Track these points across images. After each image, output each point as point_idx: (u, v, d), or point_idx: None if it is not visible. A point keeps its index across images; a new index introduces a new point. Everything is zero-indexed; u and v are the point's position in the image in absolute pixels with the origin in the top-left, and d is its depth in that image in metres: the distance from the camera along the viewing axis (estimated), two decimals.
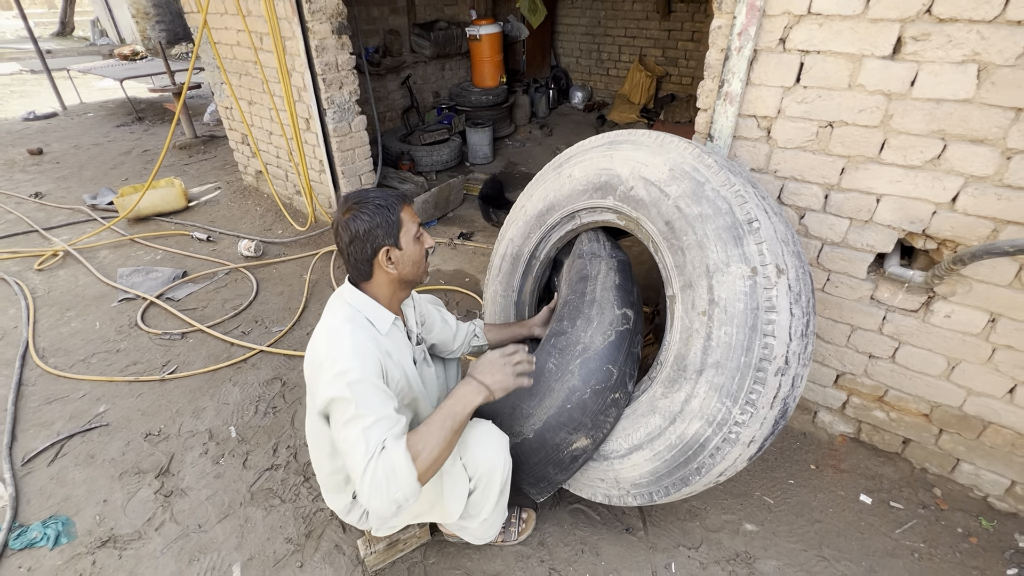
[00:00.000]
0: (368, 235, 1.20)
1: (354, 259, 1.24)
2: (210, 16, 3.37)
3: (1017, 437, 1.54)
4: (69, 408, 2.21)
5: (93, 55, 10.84)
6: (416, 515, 1.44)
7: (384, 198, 1.23)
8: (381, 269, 1.25)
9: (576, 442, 1.44)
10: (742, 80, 1.54)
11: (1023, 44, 1.16)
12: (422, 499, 1.36)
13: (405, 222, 1.26)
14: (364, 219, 1.20)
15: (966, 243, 1.41)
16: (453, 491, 1.34)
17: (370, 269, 1.25)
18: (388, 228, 1.22)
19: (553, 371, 1.45)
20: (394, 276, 1.27)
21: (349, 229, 1.20)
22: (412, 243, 1.27)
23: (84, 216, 3.91)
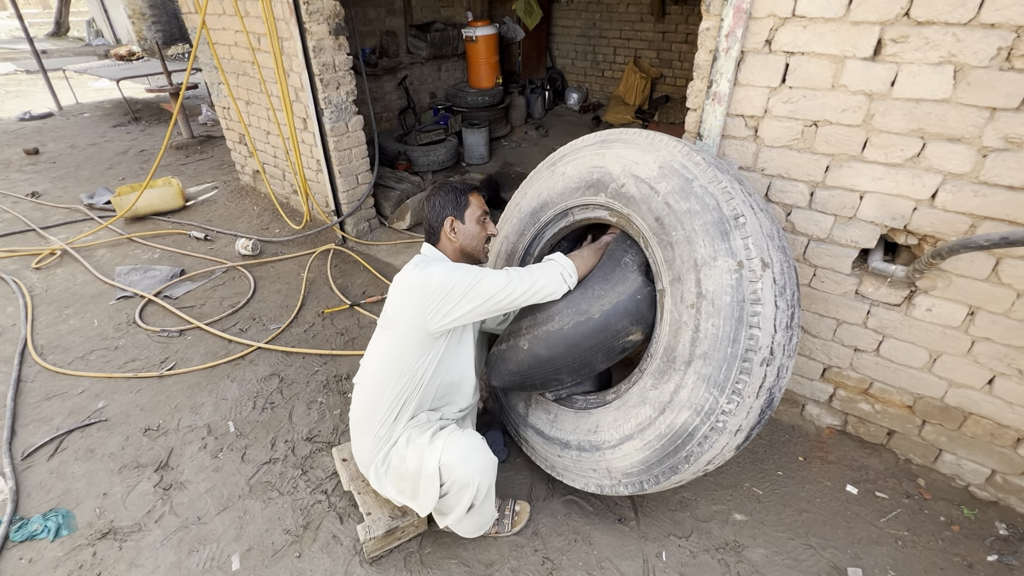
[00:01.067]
0: (442, 204, 1.54)
1: (429, 224, 1.56)
2: (208, 16, 3.40)
3: (996, 427, 1.59)
4: (68, 404, 2.23)
5: (89, 55, 10.82)
6: (401, 493, 1.50)
7: (460, 184, 1.58)
8: (445, 235, 1.54)
9: (632, 334, 1.53)
10: (730, 80, 1.58)
11: (996, 46, 1.21)
12: (405, 485, 1.46)
13: (472, 204, 1.56)
14: (442, 192, 1.55)
15: (945, 238, 1.45)
16: (427, 489, 1.42)
17: (438, 234, 1.55)
18: (456, 204, 1.54)
19: (628, 264, 1.56)
20: (456, 244, 1.55)
21: (431, 198, 1.56)
22: (474, 223, 1.56)
23: (81, 215, 3.93)
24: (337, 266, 3.25)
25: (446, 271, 1.40)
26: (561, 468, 1.68)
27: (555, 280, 1.50)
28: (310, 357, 2.48)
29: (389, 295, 1.50)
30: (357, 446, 1.59)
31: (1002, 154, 1.29)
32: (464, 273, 1.40)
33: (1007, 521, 1.65)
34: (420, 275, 1.41)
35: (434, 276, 1.39)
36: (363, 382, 1.57)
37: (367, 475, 1.57)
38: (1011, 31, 1.19)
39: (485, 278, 1.40)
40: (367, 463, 1.55)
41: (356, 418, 1.58)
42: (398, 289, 1.46)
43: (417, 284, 1.40)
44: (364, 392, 1.55)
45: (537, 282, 1.47)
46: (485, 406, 2.13)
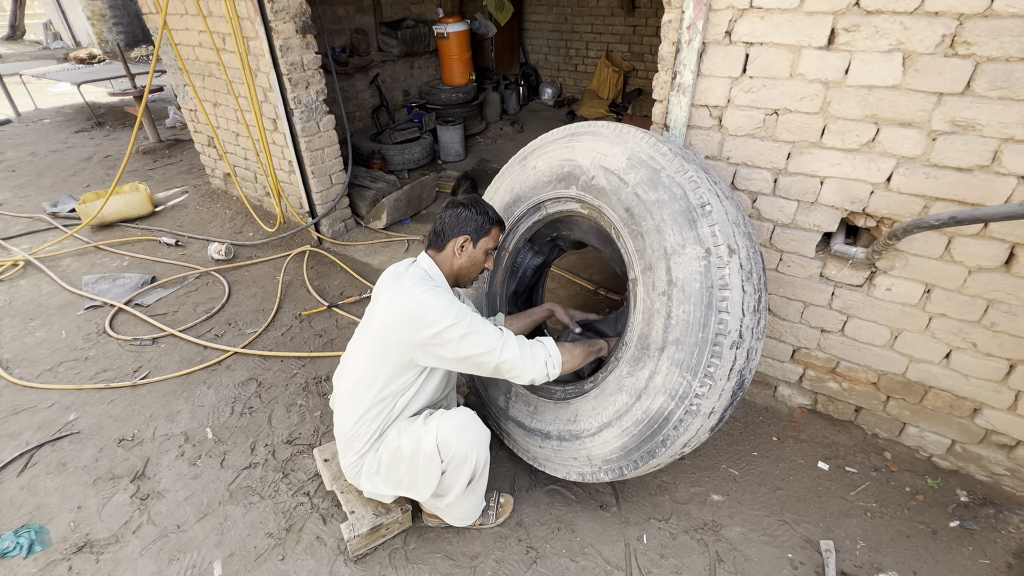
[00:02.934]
0: (465, 220, 1.50)
1: (442, 228, 1.50)
2: (170, 17, 3.31)
3: (954, 399, 1.66)
4: (37, 418, 2.17)
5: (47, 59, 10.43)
6: (396, 486, 1.50)
7: (493, 214, 1.55)
8: (452, 249, 1.50)
9: None
10: (693, 71, 1.62)
11: (941, 33, 1.27)
12: (402, 474, 1.46)
13: (490, 236, 1.54)
14: (473, 211, 1.50)
15: (901, 220, 1.51)
16: (427, 471, 1.42)
17: (445, 243, 1.50)
18: (479, 227, 1.51)
19: None
20: (455, 262, 1.52)
21: (459, 209, 1.51)
22: (482, 252, 1.54)
23: (45, 224, 3.80)
24: (313, 268, 3.21)
25: (445, 307, 1.34)
26: (543, 458, 1.71)
27: (538, 368, 1.42)
28: (288, 360, 2.46)
29: (378, 303, 1.45)
30: (344, 461, 1.57)
31: (950, 137, 1.35)
32: (460, 314, 1.35)
33: (967, 488, 1.73)
34: (416, 302, 1.35)
35: (431, 309, 1.33)
36: (342, 397, 1.54)
37: (358, 485, 1.56)
38: (954, 19, 1.24)
39: (480, 331, 1.36)
40: (355, 475, 1.54)
41: (339, 435, 1.57)
42: (391, 305, 1.40)
43: (412, 312, 1.35)
44: (343, 412, 1.53)
45: (525, 363, 1.40)
46: (466, 400, 2.14)
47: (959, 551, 1.56)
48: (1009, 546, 1.57)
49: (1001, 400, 1.58)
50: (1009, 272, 1.42)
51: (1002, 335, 1.50)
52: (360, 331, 1.56)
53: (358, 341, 1.55)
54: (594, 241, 1.85)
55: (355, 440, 1.50)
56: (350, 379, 1.51)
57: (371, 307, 1.52)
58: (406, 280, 1.42)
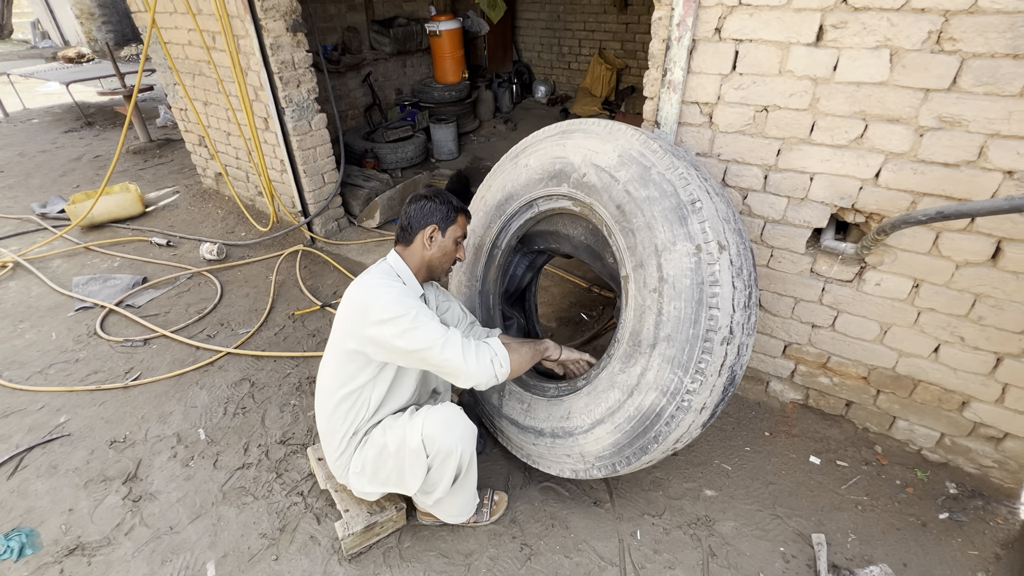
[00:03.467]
0: (431, 211, 1.49)
1: (408, 222, 1.50)
2: (159, 15, 3.28)
3: (943, 392, 1.68)
4: (27, 420, 2.15)
5: (35, 58, 10.32)
6: (384, 483, 1.50)
7: (457, 201, 1.55)
8: (421, 241, 1.49)
9: None
10: (683, 68, 1.62)
11: (927, 29, 1.27)
12: (389, 470, 1.46)
13: (458, 223, 1.53)
14: (436, 200, 1.50)
15: (889, 215, 1.52)
16: (412, 466, 1.42)
17: (413, 236, 1.50)
18: (446, 216, 1.51)
19: None
20: (427, 254, 1.51)
21: (422, 201, 1.50)
22: (451, 241, 1.53)
23: (34, 226, 3.77)
24: (306, 267, 3.20)
25: (393, 301, 1.33)
26: (536, 456, 1.71)
27: (484, 370, 1.37)
28: (281, 360, 2.45)
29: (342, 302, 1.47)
30: (328, 460, 1.58)
31: (936, 133, 1.36)
32: (406, 308, 1.32)
33: (956, 481, 1.75)
34: (367, 294, 1.37)
35: (379, 301, 1.33)
36: (317, 395, 1.56)
37: (347, 484, 1.56)
38: (939, 15, 1.25)
39: (424, 325, 1.32)
40: (343, 474, 1.55)
41: (321, 435, 1.58)
42: (346, 298, 1.43)
43: (361, 304, 1.36)
44: (318, 410, 1.55)
45: (468, 363, 1.34)
46: (460, 399, 2.14)
47: (948, 542, 1.58)
48: (997, 537, 1.59)
49: (989, 393, 1.60)
50: (996, 266, 1.44)
51: (989, 329, 1.52)
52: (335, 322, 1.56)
53: (330, 337, 1.55)
54: (584, 256, 1.85)
55: (331, 437, 1.52)
56: (322, 377, 1.53)
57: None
58: (366, 274, 1.45)
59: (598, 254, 1.79)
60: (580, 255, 1.87)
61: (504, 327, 2.01)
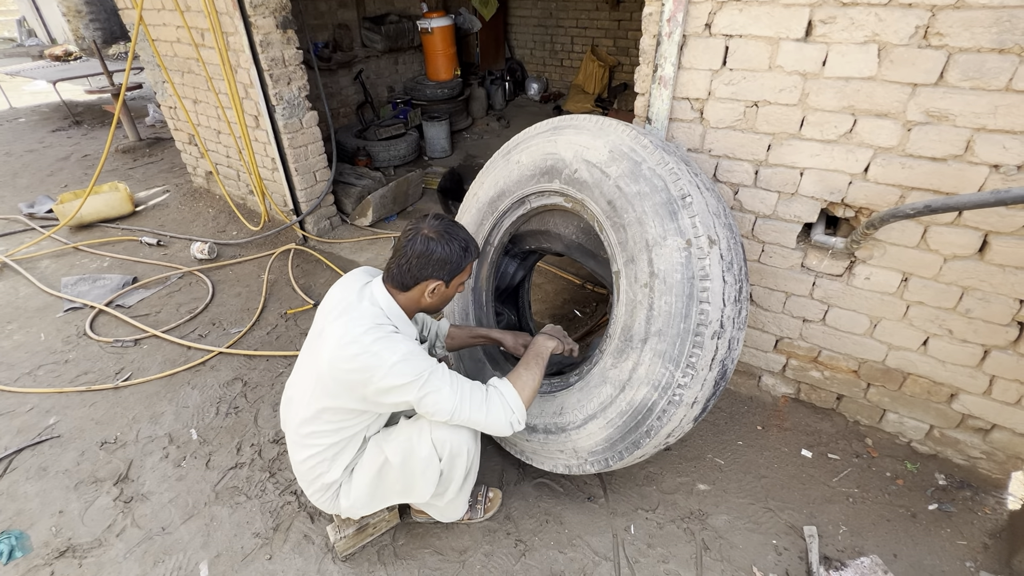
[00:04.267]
0: (438, 262, 1.28)
1: (408, 269, 1.28)
2: (146, 12, 3.25)
3: (932, 385, 1.70)
4: (16, 422, 2.13)
5: (21, 56, 10.19)
6: (387, 501, 1.48)
7: (469, 244, 1.34)
8: (421, 292, 1.32)
9: None
10: (674, 64, 1.62)
11: (914, 25, 1.28)
12: (393, 482, 1.42)
13: (466, 271, 1.36)
14: (445, 249, 1.28)
15: (878, 210, 1.54)
16: (425, 472, 1.38)
17: (412, 286, 1.31)
18: (453, 269, 1.31)
19: None
20: (423, 302, 1.35)
21: (429, 246, 1.27)
22: (454, 289, 1.38)
23: (21, 226, 3.72)
24: (299, 266, 3.19)
25: (399, 363, 1.19)
26: (530, 452, 1.71)
27: (500, 425, 1.31)
28: (274, 359, 2.43)
29: (326, 340, 1.26)
30: (307, 491, 1.46)
31: (924, 127, 1.37)
32: (416, 372, 1.21)
33: (945, 472, 1.77)
34: (368, 355, 1.20)
35: (384, 364, 1.19)
36: (290, 430, 1.40)
37: (331, 511, 1.48)
38: (927, 10, 1.26)
39: (436, 391, 1.23)
40: (329, 505, 1.46)
41: (297, 472, 1.43)
42: (338, 356, 1.22)
43: (362, 366, 1.20)
44: (293, 448, 1.40)
45: (491, 420, 1.29)
46: None
47: (937, 533, 1.60)
48: (985, 527, 1.61)
49: (976, 385, 1.62)
50: (983, 260, 1.45)
51: (977, 321, 1.53)
52: (306, 359, 1.38)
53: (304, 373, 1.38)
54: (576, 254, 1.85)
55: (314, 480, 1.41)
56: (297, 415, 1.36)
57: (317, 334, 1.35)
58: (357, 324, 1.23)
59: (590, 252, 1.79)
60: (572, 253, 1.87)
61: (495, 323, 2.01)
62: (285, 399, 1.45)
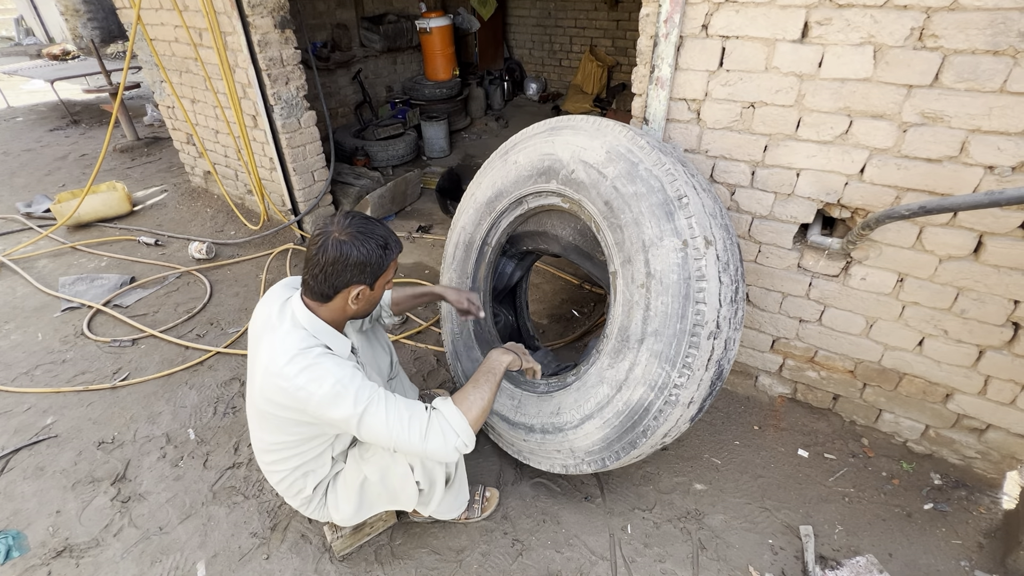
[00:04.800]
0: (356, 266, 1.17)
1: (324, 278, 1.17)
2: (144, 11, 3.24)
3: (928, 385, 1.71)
4: (13, 422, 2.13)
5: (19, 55, 10.17)
6: (376, 509, 1.49)
7: (388, 240, 1.21)
8: (344, 301, 1.22)
9: None
10: (671, 65, 1.63)
11: (909, 26, 1.29)
12: (376, 496, 1.44)
13: (390, 268, 1.24)
14: (361, 250, 1.16)
15: (874, 210, 1.54)
16: (404, 487, 1.41)
17: (333, 295, 1.20)
18: (375, 270, 1.20)
19: None
20: (348, 309, 1.25)
21: (340, 250, 1.14)
22: (380, 289, 1.27)
23: (18, 225, 3.72)
24: (297, 266, 3.18)
25: (326, 395, 1.13)
26: (527, 452, 1.72)
27: (446, 452, 1.22)
28: None
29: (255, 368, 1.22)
30: (303, 512, 1.48)
31: (919, 129, 1.38)
32: (346, 401, 1.14)
33: (940, 471, 1.78)
34: (296, 389, 1.14)
35: (312, 397, 1.13)
36: (262, 462, 1.39)
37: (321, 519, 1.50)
38: (922, 12, 1.27)
39: (372, 415, 1.16)
40: (317, 514, 1.48)
41: (280, 492, 1.44)
42: (266, 386, 1.17)
43: (292, 400, 1.15)
44: (264, 466, 1.40)
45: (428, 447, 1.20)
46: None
47: (933, 532, 1.61)
48: (980, 526, 1.62)
49: (971, 385, 1.63)
50: (978, 260, 1.46)
51: (972, 322, 1.54)
52: (248, 391, 1.32)
53: (249, 406, 1.33)
54: (573, 255, 1.85)
55: (294, 497, 1.43)
56: (256, 445, 1.37)
57: (251, 357, 1.29)
58: (281, 353, 1.15)
59: (586, 253, 1.79)
60: (568, 255, 1.87)
61: (494, 324, 2.01)
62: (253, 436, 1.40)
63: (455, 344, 2.04)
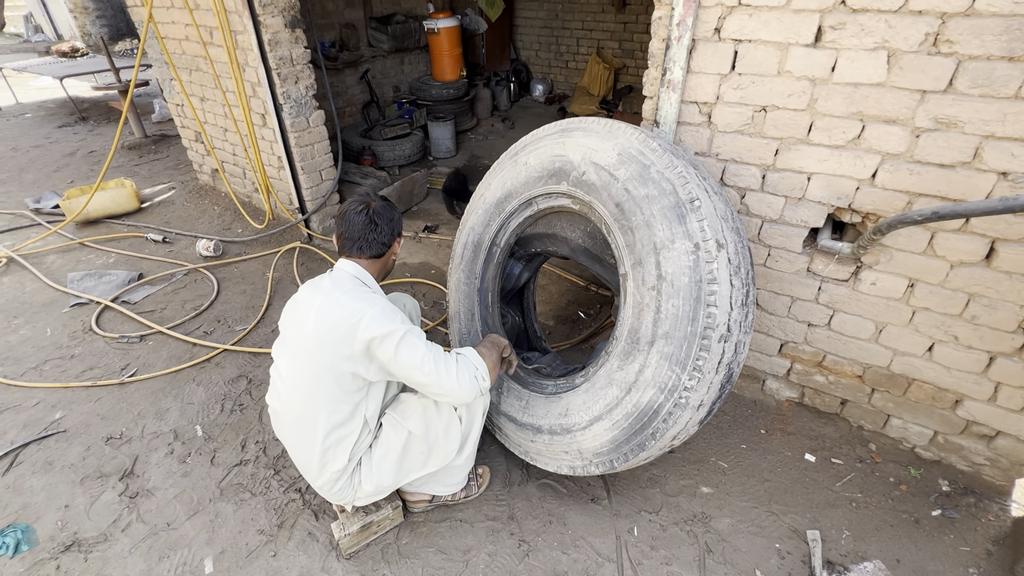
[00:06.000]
0: (397, 222, 1.50)
1: (378, 235, 1.44)
2: (155, 10, 3.26)
3: (937, 391, 1.70)
4: (22, 417, 2.14)
5: (28, 52, 10.22)
6: (410, 475, 1.54)
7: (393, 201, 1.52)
8: (389, 252, 1.51)
9: None
10: (683, 68, 1.63)
11: (924, 32, 1.29)
12: (416, 454, 1.50)
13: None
14: (394, 211, 1.50)
15: (885, 215, 1.54)
16: (448, 430, 1.51)
17: (385, 249, 1.48)
18: (401, 224, 1.53)
19: None
20: (389, 263, 1.54)
21: (387, 212, 1.46)
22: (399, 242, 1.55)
23: (27, 221, 3.74)
24: (304, 264, 3.19)
25: (379, 315, 1.30)
26: (534, 453, 1.72)
27: (470, 389, 1.37)
28: None
29: (306, 323, 1.34)
30: (324, 492, 1.50)
31: (932, 134, 1.38)
32: (395, 323, 1.31)
33: (949, 478, 1.77)
34: (348, 310, 1.30)
35: (364, 315, 1.29)
36: (294, 437, 1.44)
37: (345, 503, 1.52)
38: (937, 17, 1.27)
39: (413, 344, 1.31)
40: (347, 499, 1.51)
41: (308, 471, 1.47)
42: (321, 318, 1.31)
43: (345, 320, 1.30)
44: (302, 449, 1.43)
45: (462, 385, 1.35)
46: None
47: (941, 539, 1.60)
48: (988, 533, 1.61)
49: (982, 392, 1.62)
50: (989, 266, 1.46)
51: (983, 328, 1.54)
52: (286, 358, 1.43)
53: (290, 372, 1.42)
54: (582, 258, 1.86)
55: (324, 472, 1.44)
56: (297, 413, 1.42)
57: (295, 328, 1.39)
58: (332, 289, 1.35)
59: (595, 256, 1.80)
60: (577, 257, 1.87)
61: (501, 324, 2.02)
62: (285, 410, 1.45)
63: (463, 344, 2.04)
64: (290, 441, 1.48)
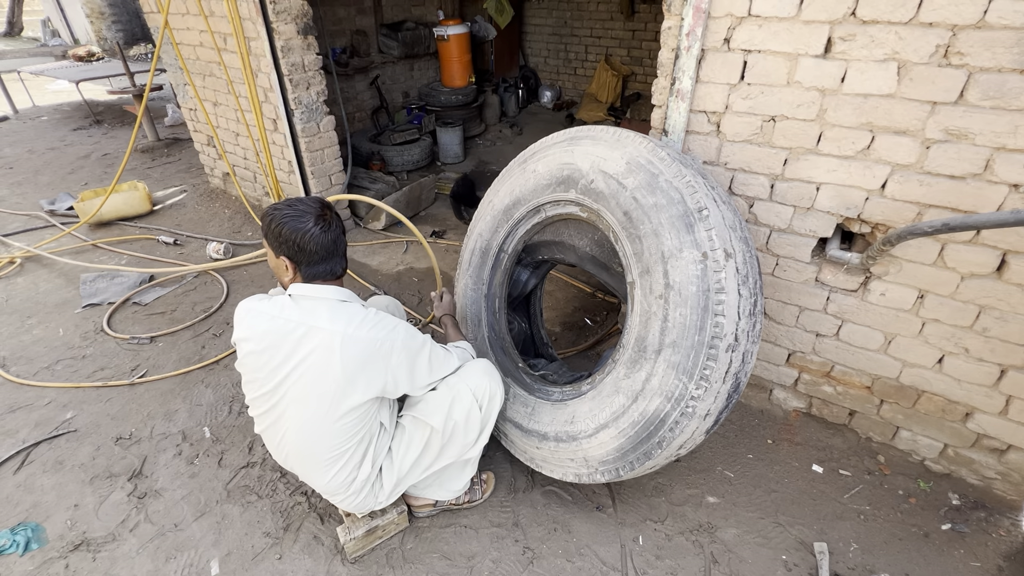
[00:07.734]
0: (341, 231, 1.41)
1: (338, 254, 1.38)
2: (171, 16, 3.32)
3: (947, 403, 1.68)
4: (34, 416, 2.17)
5: (45, 56, 10.41)
6: (429, 469, 1.55)
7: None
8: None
9: None
10: (692, 78, 1.63)
11: (935, 43, 1.29)
12: (437, 449, 1.53)
13: None
14: (338, 221, 1.40)
15: (895, 226, 1.53)
16: (467, 422, 1.52)
17: (345, 265, 1.43)
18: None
19: None
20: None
21: (329, 228, 1.34)
22: None
23: (42, 222, 3.80)
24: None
25: (403, 334, 1.36)
26: (540, 460, 1.72)
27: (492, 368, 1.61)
28: None
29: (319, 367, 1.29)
30: (346, 506, 1.52)
31: (943, 145, 1.38)
32: (422, 339, 1.42)
33: (959, 491, 1.75)
34: (378, 338, 1.30)
35: (396, 340, 1.34)
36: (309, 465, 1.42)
37: (366, 509, 1.55)
38: (947, 29, 1.27)
39: (433, 345, 1.47)
40: (369, 506, 1.53)
41: (327, 491, 1.48)
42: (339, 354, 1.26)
43: (376, 351, 1.31)
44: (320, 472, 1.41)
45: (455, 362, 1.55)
46: None
47: (950, 554, 1.58)
48: (999, 549, 1.59)
49: (992, 404, 1.61)
50: (1001, 278, 1.45)
51: (993, 340, 1.52)
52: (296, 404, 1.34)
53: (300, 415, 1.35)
54: (589, 266, 1.86)
55: (350, 489, 1.46)
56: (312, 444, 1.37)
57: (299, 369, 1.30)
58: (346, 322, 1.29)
59: (603, 264, 1.80)
60: (585, 264, 1.88)
61: (507, 330, 2.02)
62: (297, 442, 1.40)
63: None
64: (308, 477, 1.47)
